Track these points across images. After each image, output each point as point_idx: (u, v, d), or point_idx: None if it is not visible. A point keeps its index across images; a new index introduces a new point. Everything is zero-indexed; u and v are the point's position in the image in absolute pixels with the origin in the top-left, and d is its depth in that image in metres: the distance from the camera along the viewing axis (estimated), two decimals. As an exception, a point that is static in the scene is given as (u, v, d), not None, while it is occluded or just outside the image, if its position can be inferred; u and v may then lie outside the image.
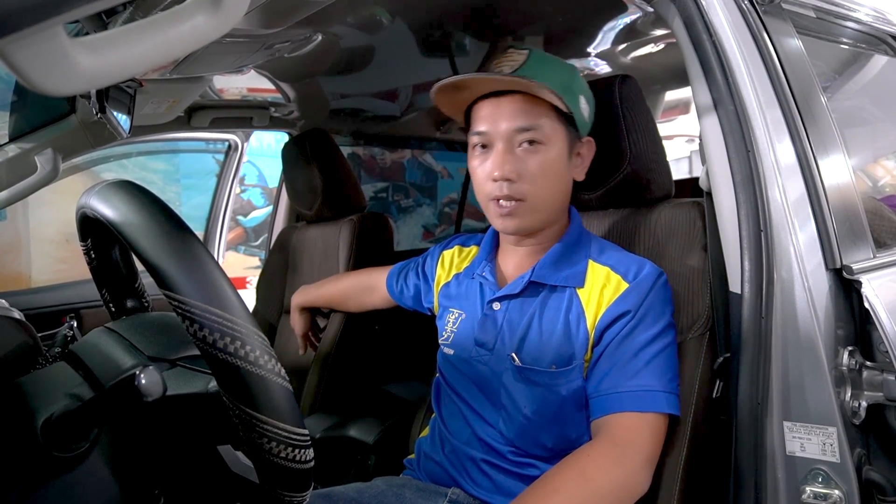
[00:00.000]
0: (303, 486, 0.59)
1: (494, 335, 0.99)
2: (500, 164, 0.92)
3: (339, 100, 2.13)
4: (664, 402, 0.86)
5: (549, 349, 0.94)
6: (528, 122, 0.92)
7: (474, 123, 0.98)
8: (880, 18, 1.33)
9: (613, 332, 0.91)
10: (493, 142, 0.95)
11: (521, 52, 0.95)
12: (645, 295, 0.91)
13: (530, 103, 0.92)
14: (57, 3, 0.36)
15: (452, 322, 1.08)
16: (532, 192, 0.94)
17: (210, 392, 0.64)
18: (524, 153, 0.93)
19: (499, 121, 0.94)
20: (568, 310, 0.95)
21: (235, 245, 3.61)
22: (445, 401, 1.08)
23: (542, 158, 0.93)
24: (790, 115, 0.90)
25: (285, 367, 0.56)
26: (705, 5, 0.91)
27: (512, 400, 0.96)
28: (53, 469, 0.58)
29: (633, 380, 0.87)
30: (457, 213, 3.03)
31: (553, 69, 0.95)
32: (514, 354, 0.96)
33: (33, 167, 1.42)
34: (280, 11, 1.00)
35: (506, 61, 0.95)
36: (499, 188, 0.93)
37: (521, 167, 0.93)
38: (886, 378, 0.80)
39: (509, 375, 0.96)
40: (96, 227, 0.69)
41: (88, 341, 0.67)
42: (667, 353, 0.90)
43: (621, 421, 0.86)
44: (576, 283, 0.96)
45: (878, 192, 1.32)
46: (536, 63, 0.93)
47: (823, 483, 0.78)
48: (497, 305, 1.01)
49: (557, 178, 0.96)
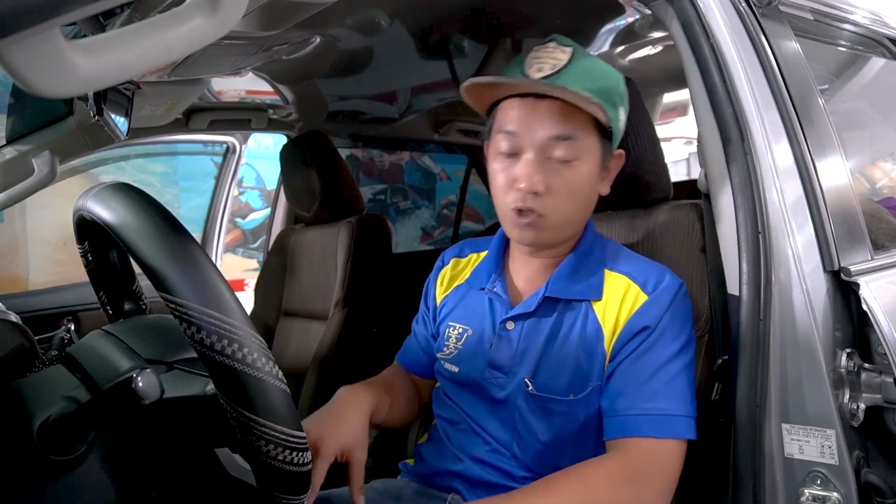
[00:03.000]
0: (300, 488, 0.59)
1: (510, 358, 0.92)
2: (528, 175, 0.85)
3: (338, 102, 2.13)
4: (685, 428, 0.81)
5: (565, 375, 0.88)
6: (565, 131, 0.84)
7: (503, 120, 0.89)
8: (877, 21, 1.33)
9: (630, 347, 0.86)
10: (522, 147, 0.86)
11: (565, 49, 0.86)
12: (665, 308, 0.86)
13: (569, 110, 0.84)
14: (54, 5, 0.36)
15: (455, 338, 0.99)
16: (556, 209, 0.87)
17: (207, 395, 0.63)
18: (555, 166, 0.86)
19: (533, 126, 0.85)
20: (584, 327, 0.89)
21: (233, 247, 3.60)
22: (450, 415, 1.00)
23: (574, 174, 0.86)
24: (788, 118, 0.90)
25: (283, 370, 0.56)
26: (703, 8, 0.91)
27: (527, 425, 0.90)
28: (50, 472, 0.57)
29: (651, 402, 0.82)
30: (455, 215, 3.03)
31: (598, 74, 0.86)
32: (528, 380, 0.90)
33: (31, 169, 1.42)
34: (278, 14, 1.00)
35: (546, 58, 0.85)
36: (522, 199, 0.86)
37: (550, 181, 0.85)
38: (885, 380, 0.80)
39: (523, 400, 0.91)
40: (94, 230, 0.69)
41: (85, 344, 0.67)
42: (686, 372, 0.85)
43: (640, 445, 0.81)
44: (593, 295, 0.90)
45: (875, 194, 1.32)
46: (580, 64, 0.85)
47: (822, 485, 0.78)
48: (511, 325, 0.93)
49: (585, 195, 0.90)
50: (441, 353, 1.01)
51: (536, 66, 0.85)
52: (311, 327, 1.86)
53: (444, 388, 1.03)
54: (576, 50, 0.86)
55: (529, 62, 0.86)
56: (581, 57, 0.86)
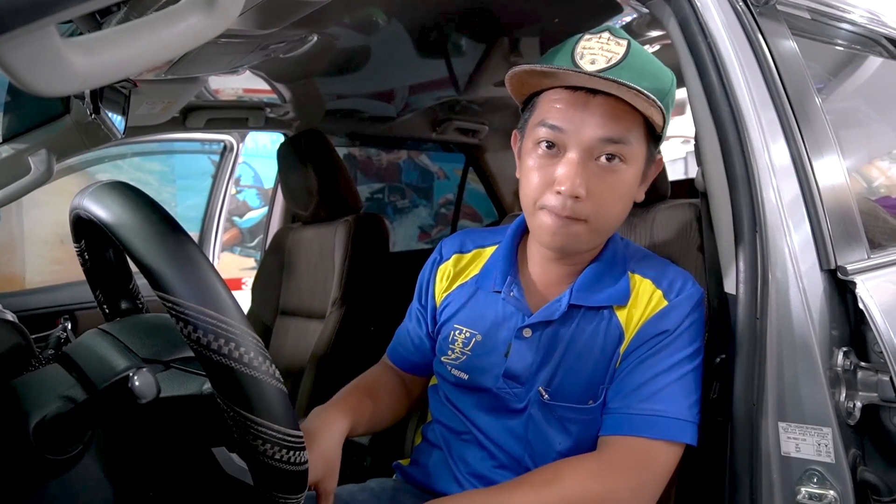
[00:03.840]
0: (297, 487, 0.59)
1: (528, 367, 0.88)
2: (571, 178, 0.78)
3: (335, 100, 2.13)
4: (678, 431, 0.80)
5: (582, 381, 0.86)
6: (617, 132, 0.78)
7: (546, 112, 0.81)
8: (874, 20, 1.33)
9: (641, 350, 0.84)
10: (566, 145, 0.80)
11: (620, 41, 0.78)
12: (684, 317, 0.84)
13: (622, 111, 0.78)
14: (50, 2, 0.36)
15: (462, 342, 0.94)
16: (597, 215, 0.81)
17: (204, 394, 0.63)
18: (601, 169, 0.80)
19: (584, 124, 0.78)
20: (607, 332, 0.86)
21: (231, 246, 3.59)
22: (453, 424, 0.96)
23: (619, 179, 0.81)
24: (785, 116, 0.90)
25: (280, 369, 0.56)
26: (700, 7, 0.91)
27: (542, 436, 0.87)
28: (46, 472, 0.57)
29: (646, 402, 0.81)
30: (453, 214, 3.03)
31: (653, 73, 0.80)
32: (543, 389, 0.87)
33: (27, 168, 1.41)
34: (275, 12, 1.00)
35: (601, 51, 0.78)
36: (561, 203, 0.79)
37: (592, 184, 0.79)
38: (881, 379, 0.80)
39: (537, 409, 0.88)
40: (90, 229, 0.69)
41: (82, 343, 0.66)
42: (692, 377, 0.83)
43: (624, 443, 0.81)
44: (619, 301, 0.87)
45: (872, 193, 1.33)
46: (637, 60, 0.78)
47: (818, 484, 0.78)
48: (528, 332, 0.88)
49: (626, 201, 0.85)
50: (445, 357, 0.95)
51: (589, 58, 0.77)
52: (308, 326, 1.86)
53: (446, 392, 0.98)
54: (631, 43, 0.79)
55: (580, 52, 0.78)
56: (637, 52, 0.79)
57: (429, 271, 1.04)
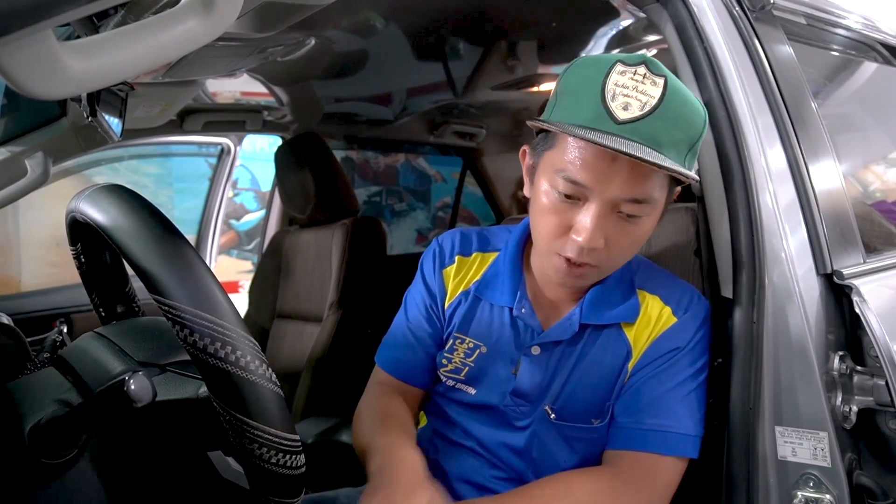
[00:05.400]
0: (294, 491, 0.59)
1: (536, 386, 0.87)
2: (589, 231, 0.75)
3: (333, 104, 2.13)
4: (686, 446, 0.81)
5: (587, 400, 0.85)
6: (642, 193, 0.75)
7: (567, 160, 0.75)
8: (869, 26, 1.34)
9: (651, 367, 0.84)
10: (587, 197, 0.76)
11: (657, 80, 0.72)
12: (693, 333, 0.85)
13: (650, 168, 0.72)
14: (47, 6, 0.36)
15: (464, 353, 0.92)
16: (610, 261, 0.81)
17: (200, 397, 0.63)
18: (620, 222, 0.77)
19: (609, 183, 0.74)
20: (615, 350, 0.86)
21: (228, 249, 3.59)
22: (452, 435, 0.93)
23: (638, 231, 0.79)
24: (781, 121, 0.91)
25: (277, 372, 0.56)
26: (697, 11, 0.92)
27: (546, 453, 0.87)
28: (41, 476, 0.57)
29: (656, 418, 0.81)
30: (450, 217, 3.03)
31: (688, 118, 0.74)
32: (549, 407, 0.86)
33: (23, 170, 1.41)
34: (273, 15, 1.00)
35: (635, 92, 0.71)
36: (577, 253, 0.77)
37: (611, 235, 0.77)
38: (877, 383, 0.80)
39: (543, 427, 0.87)
40: (86, 232, 0.68)
41: (78, 346, 0.66)
42: (699, 392, 0.84)
43: (635, 459, 0.81)
44: (629, 318, 0.86)
45: (868, 198, 1.33)
46: (673, 103, 0.72)
47: (815, 488, 0.78)
48: (537, 350, 0.88)
49: (641, 244, 0.84)
50: (445, 369, 0.93)
51: (622, 100, 0.71)
52: (305, 329, 1.85)
53: (442, 404, 0.95)
54: (668, 82, 0.72)
55: (612, 90, 0.72)
56: (673, 93, 0.72)
57: (437, 267, 0.99)
